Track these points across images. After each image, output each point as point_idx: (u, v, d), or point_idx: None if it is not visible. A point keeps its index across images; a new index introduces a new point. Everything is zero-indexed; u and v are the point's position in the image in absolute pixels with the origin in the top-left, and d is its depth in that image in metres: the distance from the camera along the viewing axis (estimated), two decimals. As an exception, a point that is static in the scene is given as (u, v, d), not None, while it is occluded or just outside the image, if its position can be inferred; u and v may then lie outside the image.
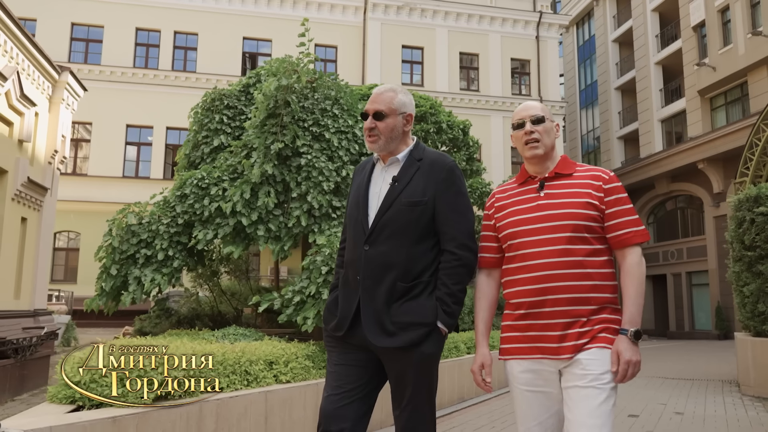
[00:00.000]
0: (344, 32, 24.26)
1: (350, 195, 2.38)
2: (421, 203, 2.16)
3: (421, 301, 2.12)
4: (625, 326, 1.96)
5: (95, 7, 22.60)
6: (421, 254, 2.16)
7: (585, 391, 1.91)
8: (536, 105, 2.21)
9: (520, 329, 2.05)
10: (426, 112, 11.06)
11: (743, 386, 7.56)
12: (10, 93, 9.19)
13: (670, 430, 5.12)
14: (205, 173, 5.57)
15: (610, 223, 2.05)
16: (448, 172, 2.22)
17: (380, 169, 2.31)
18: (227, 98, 7.06)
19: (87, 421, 2.65)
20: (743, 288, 7.39)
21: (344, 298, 2.22)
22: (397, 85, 2.37)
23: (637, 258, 2.05)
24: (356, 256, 2.19)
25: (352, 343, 2.17)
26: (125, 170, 22.44)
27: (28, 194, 10.29)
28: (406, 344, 2.07)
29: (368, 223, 2.19)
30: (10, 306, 9.76)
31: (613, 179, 2.11)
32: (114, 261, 5.37)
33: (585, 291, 1.98)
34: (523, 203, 2.13)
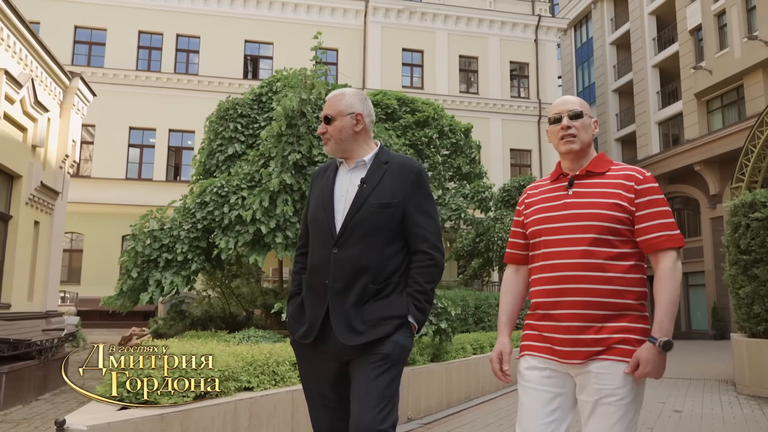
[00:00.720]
0: (345, 35, 24.49)
1: (311, 198, 2.33)
2: (392, 205, 2.14)
3: (392, 299, 2.10)
4: (654, 334, 1.87)
5: (98, 10, 22.78)
6: (391, 256, 2.14)
7: (600, 408, 1.86)
8: (574, 99, 2.14)
9: (538, 329, 2.02)
10: (429, 117, 11.30)
11: (739, 385, 7.83)
12: (24, 100, 9.42)
13: (669, 427, 5.38)
14: (224, 181, 5.81)
15: (640, 226, 1.96)
16: (417, 175, 2.22)
17: (345, 171, 2.28)
18: (240, 107, 7.29)
19: (138, 418, 2.89)
20: (739, 290, 7.65)
21: (311, 303, 2.17)
22: (353, 89, 2.34)
23: (670, 263, 1.94)
24: (323, 260, 2.14)
25: (323, 351, 2.13)
26: (128, 172, 22.63)
27: (41, 198, 10.52)
28: (378, 337, 2.05)
29: (336, 225, 2.15)
30: (23, 308, 10.00)
31: (648, 179, 2.01)
32: (136, 264, 5.60)
33: (603, 295, 1.90)
34: (551, 201, 2.09)
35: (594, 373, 1.87)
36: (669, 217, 1.97)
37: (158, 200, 21.73)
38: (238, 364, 3.68)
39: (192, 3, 23.50)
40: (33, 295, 10.56)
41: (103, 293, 21.22)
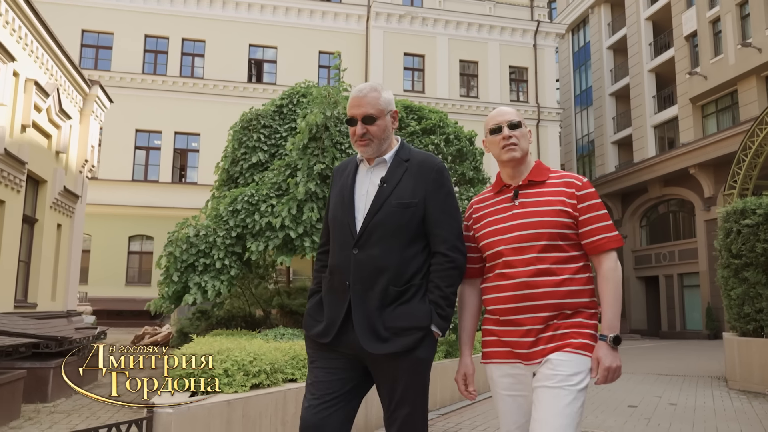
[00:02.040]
0: (348, 40, 24.94)
1: (331, 197, 2.30)
2: (412, 205, 2.12)
3: (415, 305, 2.08)
4: (604, 332, 1.99)
5: (105, 15, 23.16)
6: (413, 257, 2.12)
7: (552, 392, 1.93)
8: (511, 110, 2.21)
9: (498, 335, 2.09)
10: (435, 125, 11.73)
11: (730, 381, 8.32)
12: (50, 108, 9.86)
13: (665, 418, 5.86)
14: (254, 190, 6.25)
15: (584, 230, 2.07)
16: (438, 172, 2.18)
17: (365, 170, 2.24)
18: (263, 118, 7.73)
19: (210, 403, 3.34)
20: (731, 292, 8.14)
21: (330, 303, 2.15)
22: (375, 82, 2.38)
23: (612, 263, 2.06)
24: (344, 261, 2.13)
25: (338, 350, 2.12)
26: (134, 174, 23.02)
27: (63, 202, 10.95)
28: (401, 350, 2.03)
29: (356, 226, 2.13)
30: (47, 307, 10.44)
31: (586, 185, 2.12)
32: (176, 269, 6.04)
33: (559, 297, 2.00)
34: (499, 213, 2.15)
35: (551, 361, 1.96)
36: (608, 220, 2.09)
37: (164, 202, 22.23)
38: (284, 359, 4.14)
39: (197, 7, 23.91)
40: (55, 295, 11.00)
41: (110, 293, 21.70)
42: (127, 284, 22.12)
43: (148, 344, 14.66)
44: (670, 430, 5.27)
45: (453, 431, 5.19)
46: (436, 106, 24.06)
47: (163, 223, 22.39)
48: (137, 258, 22.70)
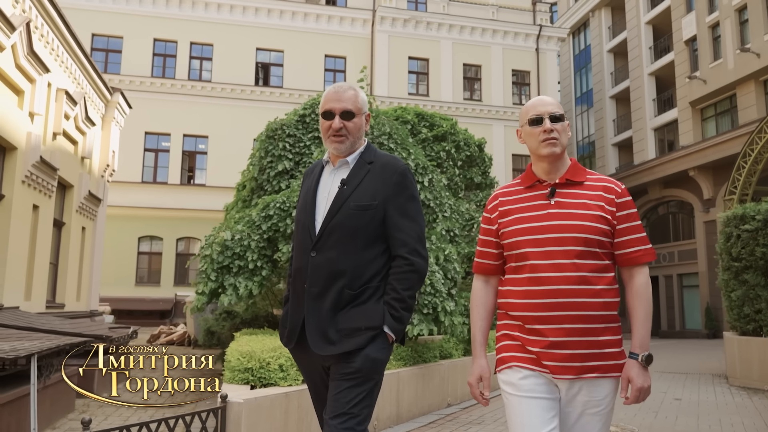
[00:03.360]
0: (353, 44, 25.33)
1: (300, 198, 2.29)
2: (371, 207, 2.08)
3: (368, 307, 2.05)
4: (635, 350, 1.90)
5: (115, 19, 23.51)
6: (371, 260, 2.08)
7: (585, 419, 1.90)
8: (553, 101, 2.07)
9: (523, 342, 1.94)
10: (446, 132, 12.14)
11: (731, 378, 8.74)
12: (78, 116, 10.25)
13: (671, 411, 6.29)
14: (285, 197, 6.65)
15: (620, 240, 1.95)
16: (400, 175, 2.15)
17: (329, 171, 2.23)
18: (287, 128, 8.13)
19: (272, 395, 3.75)
20: (731, 293, 8.57)
21: (291, 308, 2.14)
22: (351, 83, 2.33)
23: (645, 279, 1.96)
24: (303, 264, 2.11)
25: (308, 354, 2.10)
26: (144, 175, 23.36)
27: (88, 206, 11.35)
28: (351, 349, 2.00)
29: (315, 228, 2.11)
30: (73, 307, 10.84)
31: (625, 193, 2.01)
32: (212, 269, 6.45)
33: (594, 309, 1.88)
34: (532, 210, 1.99)
35: (582, 385, 1.88)
36: (643, 231, 1.99)
37: (173, 203, 22.62)
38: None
39: (205, 12, 24.27)
40: (80, 296, 11.40)
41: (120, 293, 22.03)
42: (137, 284, 22.49)
43: (164, 343, 15.07)
44: (677, 423, 5.68)
45: (477, 422, 5.59)
46: (440, 109, 24.46)
47: (172, 224, 22.84)
48: (147, 258, 23.06)
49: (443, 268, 6.27)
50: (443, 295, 5.85)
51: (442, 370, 6.33)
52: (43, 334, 5.74)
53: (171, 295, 21.79)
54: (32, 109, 8.33)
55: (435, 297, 5.82)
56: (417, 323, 5.75)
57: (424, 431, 5.15)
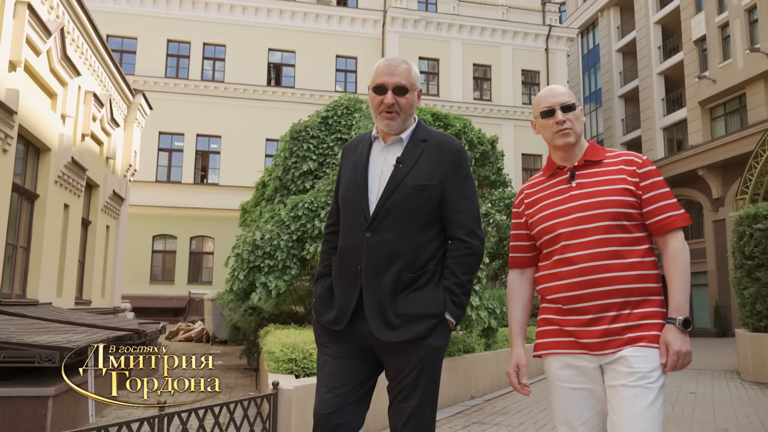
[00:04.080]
0: (364, 44, 25.55)
1: (343, 175, 2.19)
2: (428, 187, 2.02)
3: (428, 292, 2.00)
4: (672, 314, 1.86)
5: (129, 20, 23.82)
6: (427, 242, 2.03)
7: (633, 391, 1.80)
8: (563, 90, 2.07)
9: (560, 324, 1.95)
10: (459, 131, 12.36)
11: (743, 373, 8.95)
12: (103, 117, 10.53)
13: (688, 403, 6.51)
14: (313, 198, 6.90)
15: (648, 209, 1.94)
16: (457, 154, 2.09)
17: (380, 148, 2.13)
18: (311, 129, 8.38)
19: (317, 383, 4.01)
20: (743, 291, 8.77)
21: (341, 289, 2.06)
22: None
23: (680, 243, 1.93)
24: (355, 244, 2.03)
25: (350, 338, 2.03)
26: (158, 175, 23.65)
27: (112, 205, 11.64)
28: (414, 337, 1.95)
29: (369, 207, 2.03)
30: (98, 304, 11.13)
31: (647, 163, 2.00)
32: (243, 269, 6.70)
33: (628, 282, 1.87)
34: (555, 195, 2.02)
35: (626, 357, 1.83)
36: (672, 198, 1.97)
37: (186, 202, 22.91)
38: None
39: (218, 13, 24.54)
40: (104, 293, 11.68)
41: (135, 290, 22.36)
42: (152, 282, 22.78)
43: (182, 339, 15.35)
44: (694, 414, 5.91)
45: (501, 413, 5.83)
46: (450, 109, 24.64)
47: (186, 222, 23.14)
48: (161, 257, 23.36)
49: (467, 266, 6.51)
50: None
51: (465, 364, 6.58)
52: (86, 328, 6.01)
53: (185, 292, 22.07)
54: (64, 112, 8.61)
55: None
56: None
57: (453, 420, 5.40)
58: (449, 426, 5.15)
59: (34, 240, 8.08)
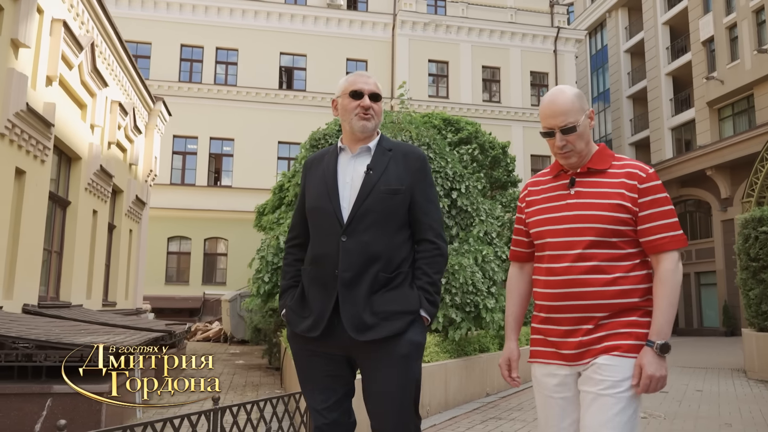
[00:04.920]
0: (374, 47, 25.87)
1: (309, 188, 2.24)
2: (400, 192, 2.11)
3: (404, 291, 2.07)
4: (651, 338, 1.83)
5: (143, 25, 24.23)
6: (401, 244, 2.12)
7: (601, 400, 1.81)
8: (564, 106, 1.97)
9: (542, 333, 1.99)
10: (471, 135, 12.68)
11: (749, 372, 9.21)
12: (127, 125, 10.91)
13: (694, 400, 6.80)
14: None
15: (643, 227, 1.90)
16: (422, 162, 2.20)
17: (347, 158, 2.21)
18: (329, 137, 8.70)
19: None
20: (749, 292, 9.03)
21: (316, 296, 2.08)
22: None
23: (671, 264, 1.88)
24: (330, 250, 2.07)
25: (328, 344, 2.06)
26: (172, 178, 24.05)
27: (134, 209, 12.03)
28: (391, 333, 1.99)
29: (342, 213, 2.09)
30: (123, 305, 11.52)
31: (651, 177, 1.94)
32: (267, 270, 7.05)
33: (608, 297, 1.86)
34: (553, 200, 2.02)
35: (598, 365, 1.84)
36: (672, 217, 1.92)
37: (200, 204, 23.32)
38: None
39: (230, 17, 24.93)
40: (128, 294, 12.07)
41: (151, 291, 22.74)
42: (167, 283, 23.18)
43: (200, 339, 15.74)
44: (700, 410, 6.20)
45: (516, 409, 6.14)
46: (460, 111, 24.95)
47: (200, 224, 23.54)
48: (176, 258, 23.77)
49: (482, 269, 6.82)
50: (484, 293, 6.40)
51: (481, 362, 6.89)
52: (124, 330, 6.36)
53: (199, 293, 22.48)
54: (93, 122, 8.99)
55: (476, 296, 6.36)
56: (460, 322, 6.31)
57: (471, 416, 5.71)
58: (468, 421, 5.47)
59: (66, 245, 8.46)
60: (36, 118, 6.62)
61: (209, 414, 3.31)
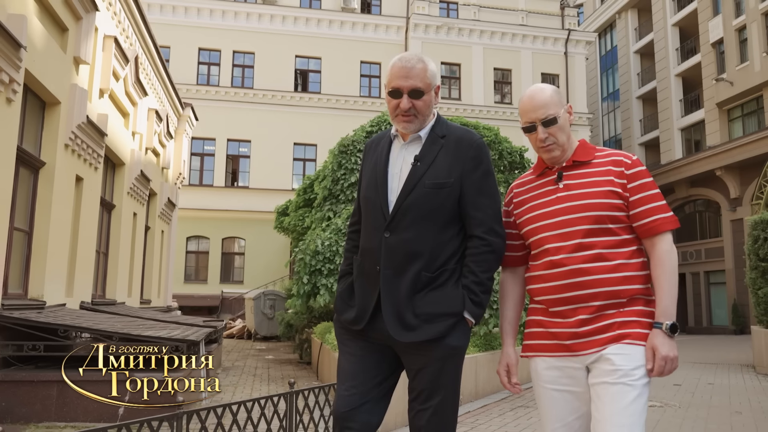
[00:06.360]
0: (387, 50, 26.31)
1: (363, 174, 2.17)
2: (447, 185, 1.99)
3: (447, 291, 1.98)
4: (659, 319, 1.85)
5: (162, 29, 24.67)
6: (447, 241, 2.01)
7: (614, 388, 1.79)
8: (544, 98, 1.99)
9: (546, 326, 1.96)
10: (490, 141, 13.12)
11: (758, 367, 9.65)
12: (161, 131, 11.43)
13: (706, 392, 7.26)
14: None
15: (635, 211, 1.92)
16: (476, 149, 2.05)
17: (399, 146, 2.11)
18: (357, 143, 9.20)
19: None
20: (758, 291, 9.47)
21: (361, 289, 2.06)
22: (419, 53, 2.17)
23: (667, 246, 1.90)
24: (375, 244, 2.01)
25: (371, 336, 2.04)
26: (190, 179, 24.58)
27: (166, 211, 12.56)
28: (431, 337, 1.94)
29: (388, 207, 2.01)
30: (156, 303, 12.05)
31: (636, 163, 1.97)
32: (306, 272, 7.55)
33: (613, 284, 1.86)
34: (542, 197, 2.02)
35: (609, 355, 1.83)
36: (661, 200, 1.94)
37: (218, 204, 23.89)
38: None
39: (247, 22, 25.46)
40: (160, 292, 12.61)
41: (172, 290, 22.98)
42: (186, 281, 23.74)
43: (225, 336, 16.26)
44: (712, 401, 6.66)
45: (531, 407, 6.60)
46: (472, 112, 25.44)
47: (218, 224, 24.11)
48: (194, 257, 24.33)
49: (506, 269, 7.30)
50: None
51: (505, 357, 7.36)
52: (177, 325, 6.88)
53: (217, 292, 23.07)
54: (134, 129, 9.51)
55: (503, 294, 6.85)
56: (488, 318, 6.79)
57: (500, 405, 6.20)
58: (498, 409, 5.96)
59: (111, 246, 8.99)
60: (93, 129, 7.13)
61: (287, 396, 3.78)
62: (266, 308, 14.55)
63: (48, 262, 6.21)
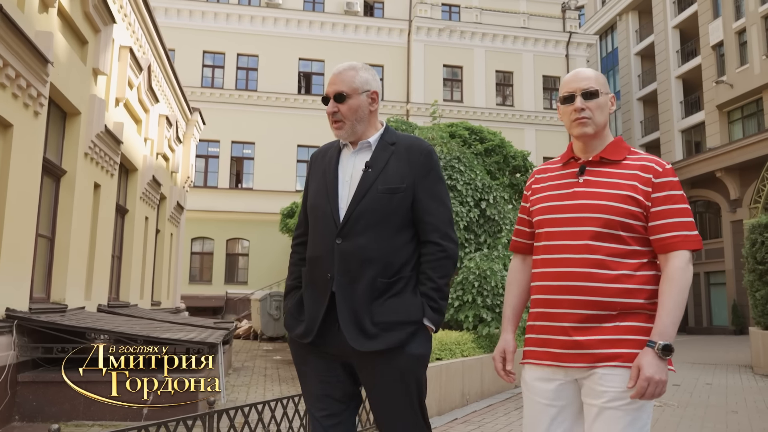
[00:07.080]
0: (390, 53, 26.57)
1: (311, 184, 2.14)
2: (399, 190, 1.97)
3: (405, 298, 1.93)
4: (653, 338, 1.70)
5: (166, 32, 24.65)
6: (401, 246, 1.97)
7: (607, 413, 1.71)
8: (589, 74, 1.90)
9: (536, 330, 1.86)
10: (496, 146, 13.35)
11: (756, 367, 9.88)
12: (171, 136, 11.67)
13: (704, 392, 7.49)
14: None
15: (654, 224, 1.78)
16: (427, 156, 2.04)
17: (348, 154, 2.08)
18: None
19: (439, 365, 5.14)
20: (756, 293, 9.70)
21: (310, 299, 2.00)
22: (358, 62, 2.12)
23: (682, 263, 1.74)
24: (325, 252, 1.97)
25: (324, 351, 1.98)
26: (195, 180, 24.78)
27: (175, 214, 12.80)
28: (392, 345, 1.87)
29: (339, 213, 1.97)
30: (166, 304, 12.29)
31: (668, 173, 1.82)
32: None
33: (610, 295, 1.73)
34: (560, 188, 1.90)
35: (600, 375, 1.72)
36: (687, 216, 1.79)
37: (222, 206, 24.14)
38: (435, 345, 5.85)
39: (251, 24, 25.69)
40: (169, 294, 12.85)
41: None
42: (191, 282, 23.97)
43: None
44: (709, 400, 6.89)
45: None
46: (474, 114, 25.68)
47: (222, 225, 24.35)
48: (199, 258, 24.57)
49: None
50: (513, 295, 7.13)
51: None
52: (193, 327, 7.12)
53: (222, 292, 23.30)
54: (147, 135, 9.75)
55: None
56: (490, 321, 7.03)
57: (505, 404, 6.43)
58: (503, 408, 6.19)
59: (125, 250, 9.23)
60: (110, 137, 7.38)
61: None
62: (272, 309, 14.77)
63: (69, 267, 6.45)
